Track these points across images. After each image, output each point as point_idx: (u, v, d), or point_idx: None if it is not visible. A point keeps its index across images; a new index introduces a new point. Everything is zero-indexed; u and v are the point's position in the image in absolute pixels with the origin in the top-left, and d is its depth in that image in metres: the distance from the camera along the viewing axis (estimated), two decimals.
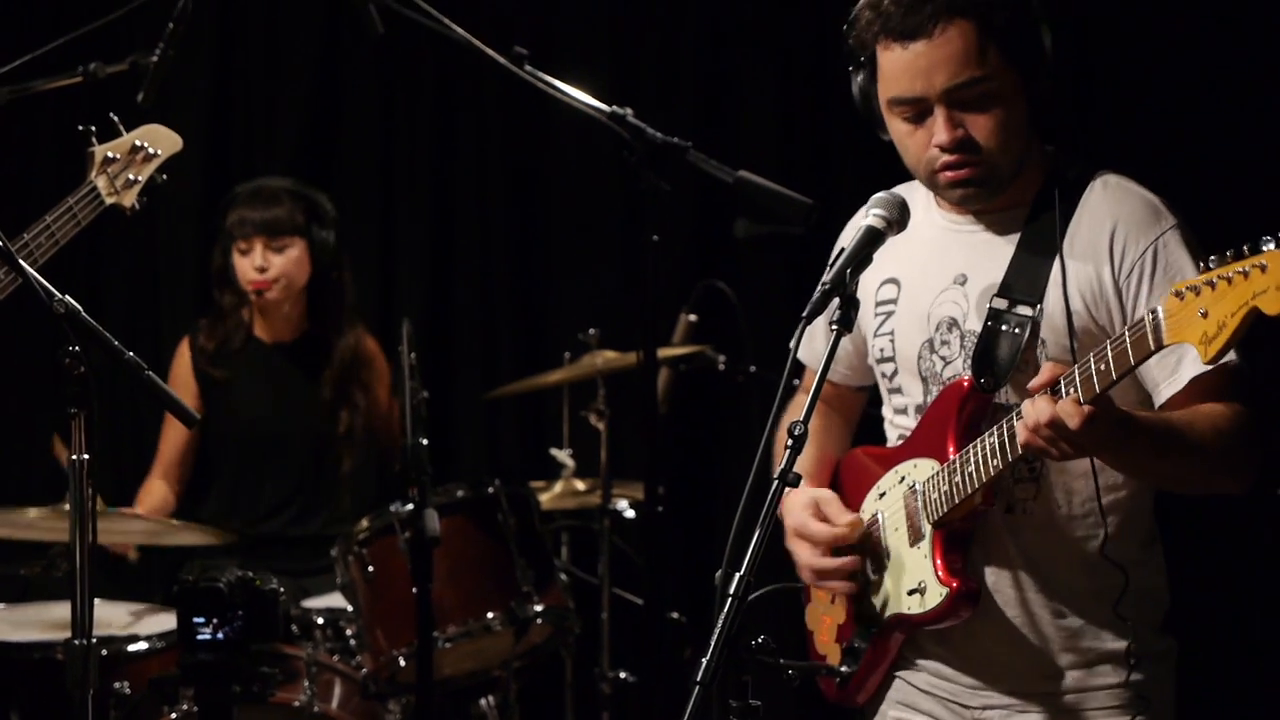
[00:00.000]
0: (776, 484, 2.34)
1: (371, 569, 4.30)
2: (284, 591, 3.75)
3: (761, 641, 2.33)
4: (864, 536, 2.81)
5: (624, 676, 4.87)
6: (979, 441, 2.61)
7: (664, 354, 4.90)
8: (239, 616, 3.59)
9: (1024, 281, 2.69)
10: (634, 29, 5.75)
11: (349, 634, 4.41)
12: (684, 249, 5.56)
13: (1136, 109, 5.15)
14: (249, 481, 5.00)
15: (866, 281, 2.64)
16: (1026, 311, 2.66)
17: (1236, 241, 2.24)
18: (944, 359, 2.76)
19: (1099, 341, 2.48)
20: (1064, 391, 2.44)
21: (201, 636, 3.59)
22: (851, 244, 2.52)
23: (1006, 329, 2.67)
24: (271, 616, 3.63)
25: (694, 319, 5.16)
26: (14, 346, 5.46)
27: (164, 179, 3.41)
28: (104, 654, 4.03)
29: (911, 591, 2.72)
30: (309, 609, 4.53)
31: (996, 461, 2.58)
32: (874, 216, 2.56)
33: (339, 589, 4.42)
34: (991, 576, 2.74)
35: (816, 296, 2.45)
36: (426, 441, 3.98)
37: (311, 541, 4.90)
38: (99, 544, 4.30)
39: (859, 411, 3.08)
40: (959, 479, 2.64)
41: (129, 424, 5.61)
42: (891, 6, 2.65)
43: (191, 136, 5.50)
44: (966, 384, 2.70)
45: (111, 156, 3.35)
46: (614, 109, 3.18)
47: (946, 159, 2.67)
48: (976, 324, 2.72)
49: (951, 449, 2.68)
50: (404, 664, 4.21)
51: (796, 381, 2.53)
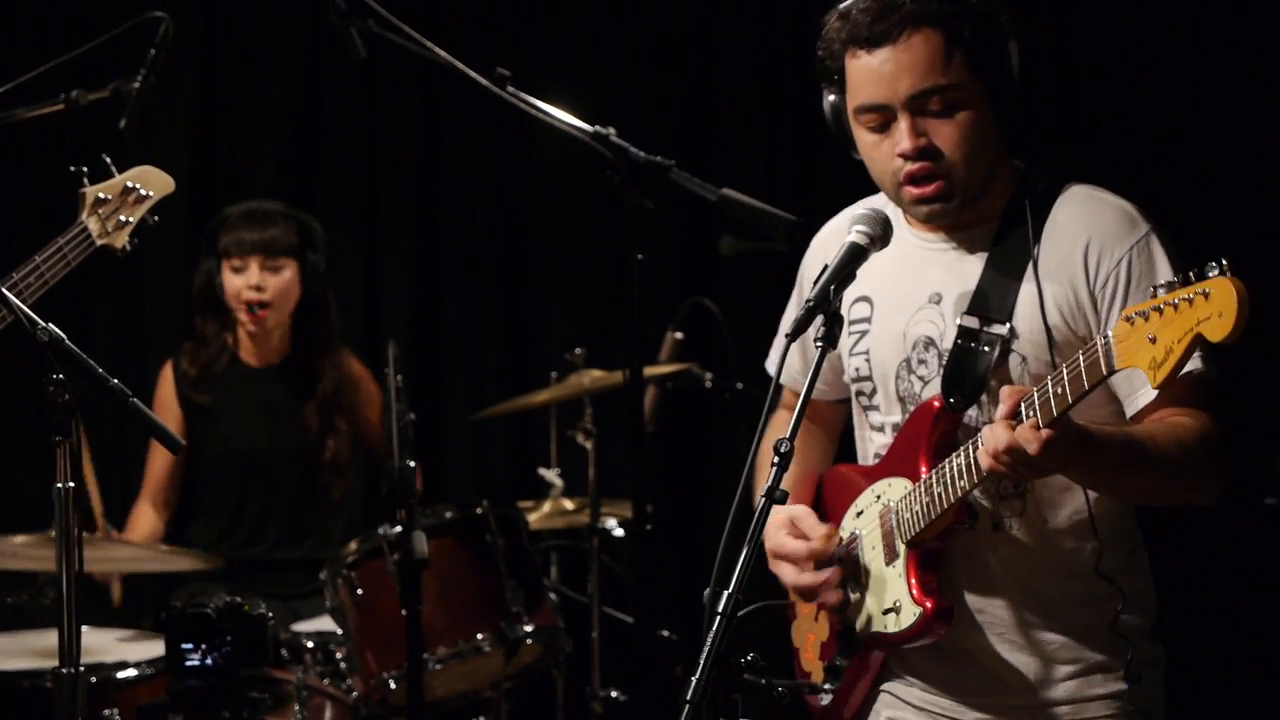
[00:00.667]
0: (764, 501, 2.34)
1: (361, 592, 4.29)
2: (273, 616, 3.74)
3: (750, 659, 2.33)
4: (844, 552, 2.81)
5: (615, 695, 4.87)
6: (947, 462, 2.61)
7: (650, 372, 4.90)
8: (228, 642, 3.58)
9: (995, 299, 2.68)
10: (616, 49, 5.76)
11: (339, 657, 4.40)
12: (669, 267, 5.57)
13: (1113, 123, 5.17)
14: (236, 505, 5.00)
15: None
16: (998, 330, 2.66)
17: (1214, 254, 2.25)
18: (921, 379, 2.76)
19: None
20: (1024, 415, 2.44)
21: (190, 662, 3.57)
22: (835, 261, 2.53)
23: (976, 347, 2.67)
24: (260, 641, 3.62)
25: (680, 337, 5.16)
26: None
27: (155, 220, 3.40)
28: (92, 681, 4.02)
29: (887, 611, 2.72)
30: (299, 632, 4.52)
31: (963, 482, 2.57)
32: (857, 233, 2.56)
33: (328, 612, 4.42)
34: (982, 593, 2.73)
35: (800, 314, 2.45)
36: (414, 463, 3.97)
37: (300, 565, 4.89)
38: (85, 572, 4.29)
39: (840, 424, 3.08)
40: (929, 499, 2.64)
41: (116, 450, 5.59)
42: (859, 15, 2.66)
43: (175, 162, 5.58)
44: (937, 404, 2.70)
45: (103, 198, 3.35)
46: (597, 129, 3.18)
47: (910, 168, 2.66)
48: (952, 343, 2.72)
49: (924, 469, 2.67)
50: (395, 686, 4.20)
51: (771, 390, 2.55)
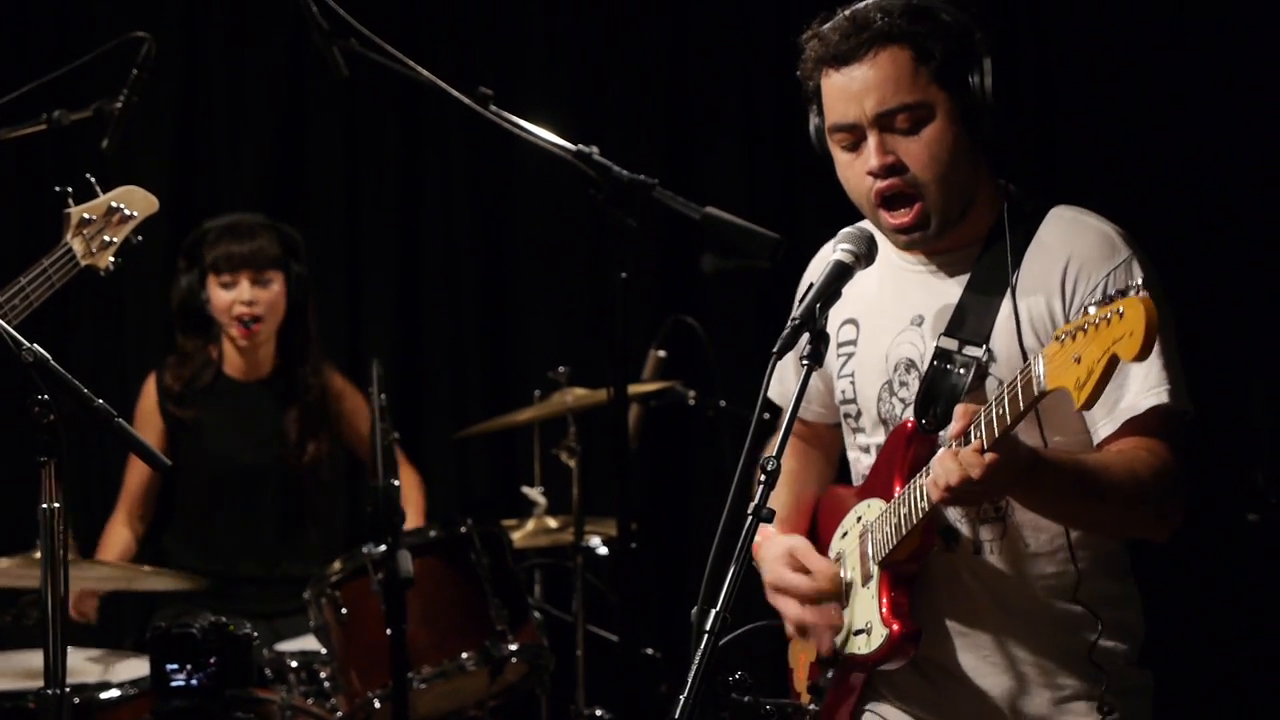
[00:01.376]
0: (751, 520, 2.34)
1: (345, 611, 4.28)
2: (257, 635, 3.73)
3: (738, 678, 2.33)
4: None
5: (600, 713, 4.86)
6: (912, 483, 2.61)
7: (634, 390, 4.90)
8: (213, 662, 3.57)
9: (972, 321, 2.67)
10: (598, 68, 5.77)
11: (323, 677, 4.38)
12: (652, 285, 5.58)
13: (1100, 141, 5.19)
14: (219, 521, 4.97)
15: (829, 321, 2.63)
16: (973, 352, 2.65)
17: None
18: (903, 401, 2.75)
19: None
20: (972, 435, 2.44)
21: (175, 683, 3.57)
22: (820, 279, 2.53)
23: (952, 369, 2.66)
24: (245, 661, 3.61)
25: (663, 355, 5.17)
26: None
27: (139, 240, 3.40)
28: (76, 702, 4.00)
29: (858, 632, 2.73)
30: (282, 652, 4.50)
31: (924, 504, 2.57)
32: (842, 251, 2.57)
33: (312, 631, 4.40)
34: (963, 615, 2.73)
35: (786, 332, 2.45)
36: (398, 483, 3.97)
37: (283, 583, 4.87)
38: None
39: (839, 447, 3.03)
40: (897, 520, 2.65)
41: (98, 471, 5.58)
42: (831, 34, 2.66)
43: (156, 180, 5.56)
44: (910, 426, 2.70)
45: (88, 218, 3.35)
46: (579, 147, 3.18)
47: (879, 186, 2.65)
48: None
49: (897, 490, 2.67)
50: (379, 706, 4.19)
51: (767, 415, 2.53)
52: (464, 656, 4.27)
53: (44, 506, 2.67)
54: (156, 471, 3.38)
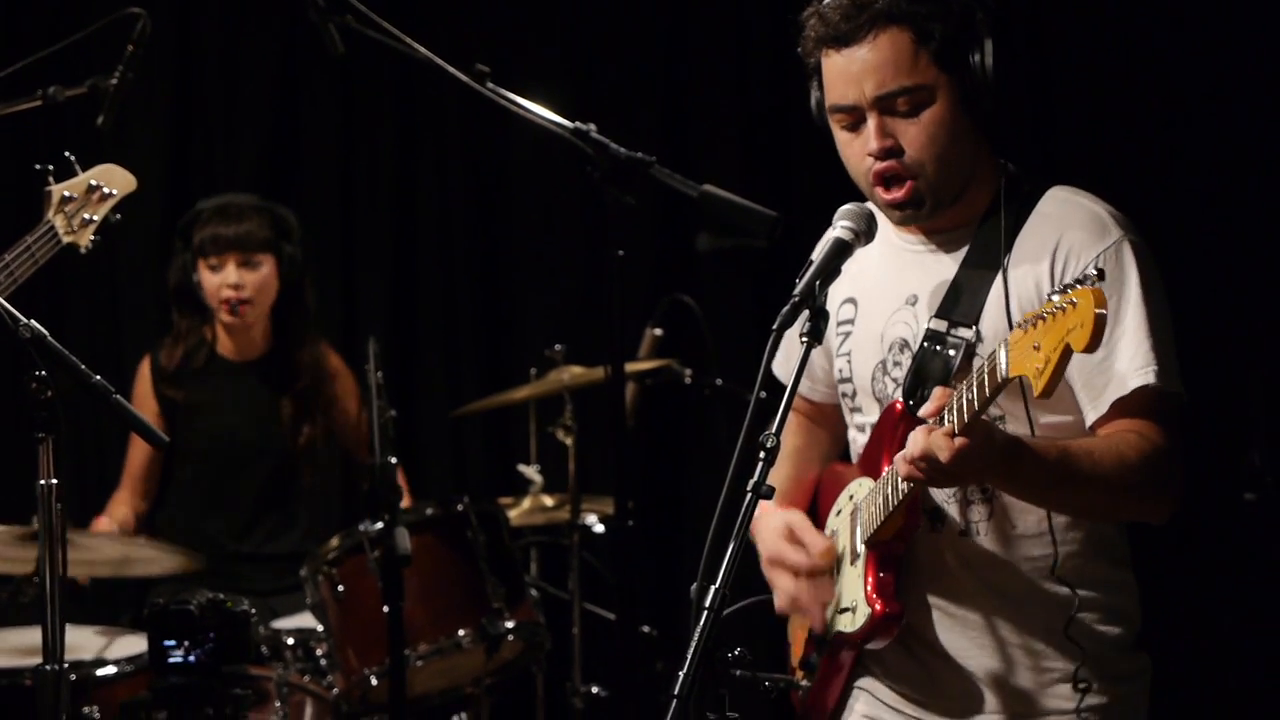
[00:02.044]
0: (750, 496, 2.34)
1: (342, 588, 4.29)
2: (255, 612, 3.73)
3: (738, 654, 2.33)
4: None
5: (596, 691, 4.87)
6: (895, 463, 2.60)
7: (630, 369, 4.90)
8: (210, 639, 3.57)
9: (964, 301, 2.67)
10: (595, 45, 5.76)
11: (319, 654, 4.39)
12: (648, 263, 5.57)
13: (1101, 121, 5.18)
14: (216, 500, 4.97)
15: (829, 299, 2.62)
16: (963, 333, 2.64)
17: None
18: (895, 380, 2.75)
19: None
20: (944, 419, 2.44)
21: (173, 659, 3.57)
22: (820, 256, 2.52)
23: (941, 350, 2.65)
24: (243, 638, 3.62)
25: (659, 333, 5.16)
26: None
27: (118, 218, 3.40)
28: (73, 679, 4.00)
29: (844, 610, 2.74)
30: (279, 629, 4.51)
31: (904, 485, 2.57)
32: (841, 228, 2.56)
33: (309, 609, 4.41)
34: (949, 594, 2.73)
35: (786, 309, 2.44)
36: (395, 460, 3.97)
37: (279, 560, 4.88)
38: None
39: (845, 426, 3.01)
40: (880, 500, 2.65)
41: (93, 447, 5.58)
42: (832, 13, 2.65)
43: (151, 157, 5.57)
44: (899, 407, 2.70)
45: (69, 196, 3.34)
46: (576, 125, 3.17)
47: (878, 168, 2.65)
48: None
49: (884, 470, 2.67)
50: (376, 683, 4.20)
51: (764, 394, 2.52)
52: (461, 634, 4.27)
53: (41, 483, 2.67)
54: (154, 448, 3.38)
